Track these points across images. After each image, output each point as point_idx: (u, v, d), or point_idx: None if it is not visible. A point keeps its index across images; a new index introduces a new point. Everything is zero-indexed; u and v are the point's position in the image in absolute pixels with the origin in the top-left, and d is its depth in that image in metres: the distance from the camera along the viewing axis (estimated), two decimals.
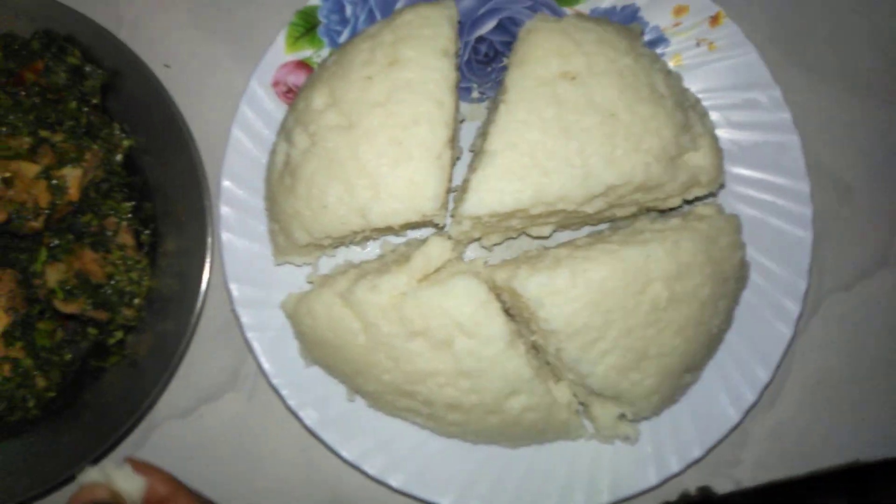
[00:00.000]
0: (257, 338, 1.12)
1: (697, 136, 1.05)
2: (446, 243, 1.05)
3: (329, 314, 1.04)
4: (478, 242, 1.18)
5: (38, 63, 1.11)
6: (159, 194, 1.16)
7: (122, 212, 1.13)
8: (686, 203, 1.11)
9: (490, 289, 1.04)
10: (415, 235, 1.19)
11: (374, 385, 1.06)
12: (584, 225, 1.18)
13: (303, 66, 1.18)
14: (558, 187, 1.00)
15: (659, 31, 1.20)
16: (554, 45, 1.02)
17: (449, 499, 1.10)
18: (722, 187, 1.13)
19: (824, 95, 1.30)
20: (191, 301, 1.10)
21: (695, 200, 1.12)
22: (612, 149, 1.00)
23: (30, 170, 1.04)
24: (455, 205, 1.12)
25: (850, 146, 1.29)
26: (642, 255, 1.00)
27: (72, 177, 1.06)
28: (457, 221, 1.07)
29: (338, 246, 1.17)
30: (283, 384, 1.12)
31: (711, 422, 1.12)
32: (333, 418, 1.12)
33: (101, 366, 1.14)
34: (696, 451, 1.11)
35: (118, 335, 1.13)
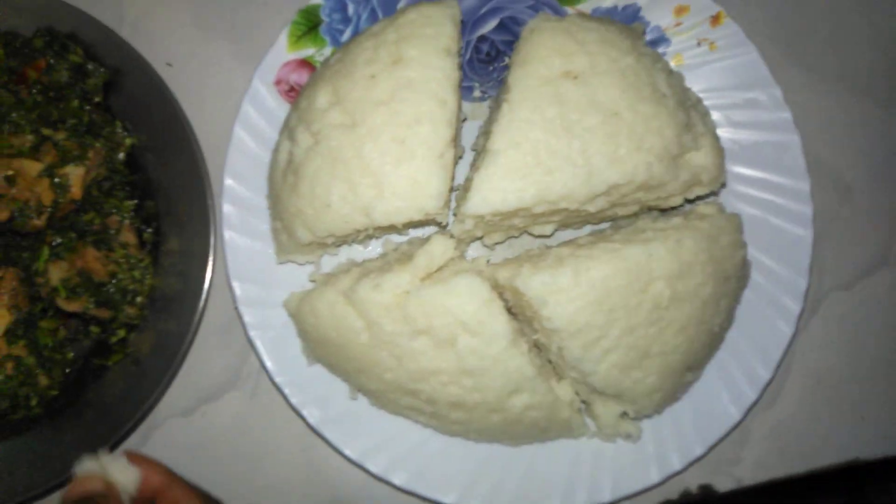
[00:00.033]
0: (260, 336, 1.12)
1: (699, 135, 1.06)
2: (449, 242, 1.05)
3: (332, 313, 1.04)
4: (480, 241, 1.18)
5: (41, 61, 1.11)
6: (161, 193, 1.16)
7: (124, 210, 1.13)
8: (687, 202, 1.12)
9: (492, 287, 1.04)
10: (417, 234, 1.19)
11: (376, 383, 1.06)
12: (586, 224, 1.19)
13: (305, 64, 1.18)
14: (561, 186, 1.00)
15: (660, 31, 1.20)
16: (557, 44, 1.03)
17: (452, 497, 1.10)
18: (723, 186, 1.13)
19: (824, 95, 1.31)
20: (193, 300, 1.10)
21: (696, 199, 1.12)
22: (615, 148, 1.00)
23: (32, 168, 1.04)
24: (457, 203, 1.13)
25: (849, 146, 1.30)
26: (644, 253, 1.00)
27: (74, 175, 1.06)
28: (459, 220, 1.07)
29: (340, 244, 1.17)
30: (286, 383, 1.12)
31: (713, 420, 1.12)
32: (336, 417, 1.12)
33: (103, 364, 1.14)
34: (697, 449, 1.12)
35: (120, 333, 1.13)
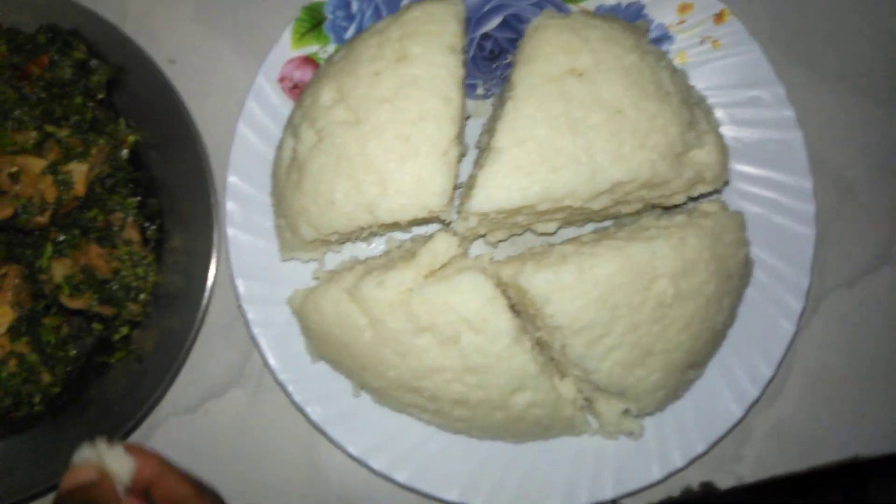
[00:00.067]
0: (263, 334, 1.12)
1: (703, 133, 1.06)
2: (452, 239, 1.05)
3: (336, 310, 1.04)
4: (482, 239, 1.18)
5: (44, 58, 1.10)
6: (165, 190, 1.16)
7: (127, 207, 1.13)
8: (690, 200, 1.12)
9: (496, 285, 1.04)
10: (420, 232, 1.19)
11: (380, 381, 1.06)
12: (589, 221, 1.19)
13: (309, 61, 1.18)
14: (565, 184, 1.00)
15: (664, 29, 1.21)
16: (561, 41, 1.03)
17: (454, 494, 1.10)
18: (726, 184, 1.13)
19: (825, 94, 1.31)
20: (196, 297, 1.10)
21: (699, 197, 1.12)
22: (619, 145, 1.00)
23: (36, 165, 1.04)
24: (461, 201, 1.13)
25: (851, 144, 1.30)
26: (648, 251, 1.00)
27: (78, 172, 1.06)
28: (463, 218, 1.07)
29: (344, 242, 1.17)
30: (289, 380, 1.12)
31: (714, 417, 1.13)
32: (339, 414, 1.12)
33: (106, 361, 1.13)
34: (699, 446, 1.12)
35: (123, 331, 1.13)
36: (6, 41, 1.12)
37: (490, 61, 1.23)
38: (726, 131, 1.16)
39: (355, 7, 1.19)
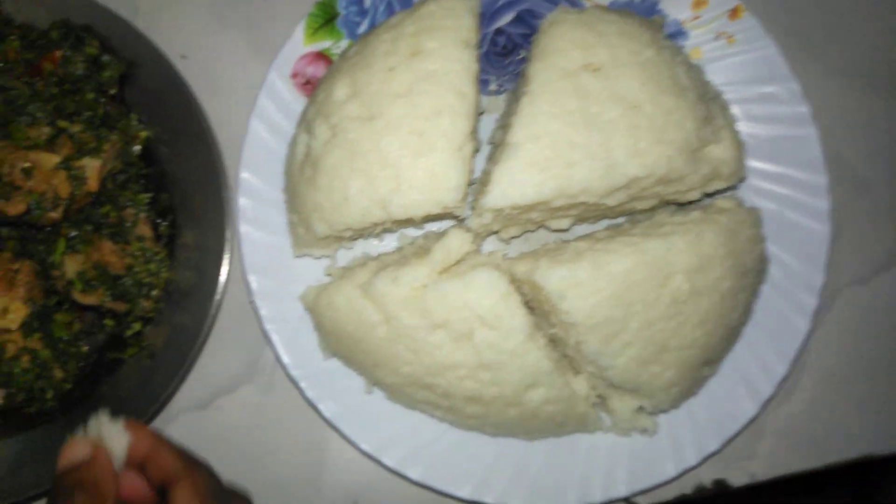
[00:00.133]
0: (276, 330, 1.12)
1: (719, 128, 1.05)
2: (466, 236, 1.05)
3: (349, 306, 1.04)
4: (495, 235, 1.18)
5: (57, 53, 1.10)
6: (177, 186, 1.16)
7: (139, 203, 1.13)
8: (705, 196, 1.11)
9: (510, 281, 1.04)
10: (432, 228, 1.19)
11: (393, 377, 1.06)
12: (603, 218, 1.18)
13: (321, 57, 1.18)
14: (580, 179, 1.00)
15: (678, 25, 1.20)
16: (577, 36, 1.02)
17: (467, 490, 1.10)
18: (743, 180, 1.13)
19: (841, 90, 1.30)
20: (209, 293, 1.10)
21: (714, 194, 1.12)
22: (636, 141, 0.99)
23: (49, 160, 1.03)
24: (475, 197, 1.12)
25: (866, 141, 1.29)
26: (664, 247, 1.00)
27: (91, 167, 1.06)
28: (477, 214, 1.06)
29: (356, 238, 1.16)
30: (302, 376, 1.11)
31: (728, 415, 1.12)
32: (352, 410, 1.12)
33: (118, 358, 1.13)
34: (713, 444, 1.11)
35: (136, 327, 1.12)
36: (19, 37, 1.11)
37: (503, 57, 1.22)
38: (741, 127, 1.15)
39: (368, 2, 1.18)
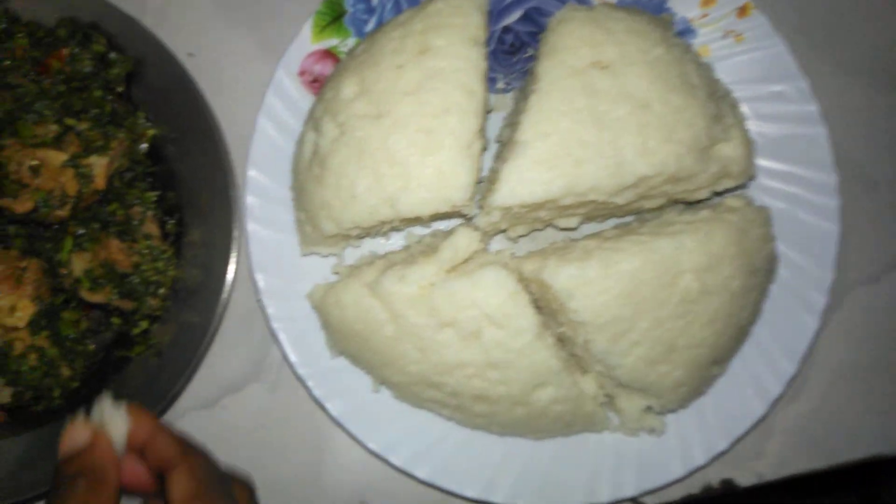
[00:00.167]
0: (283, 328, 1.11)
1: (729, 126, 1.05)
2: (474, 234, 1.04)
3: (357, 305, 1.04)
4: (503, 234, 1.18)
5: (64, 51, 1.10)
6: (183, 184, 1.15)
7: (146, 201, 1.13)
8: (714, 195, 1.11)
9: (518, 280, 1.03)
10: (440, 226, 1.19)
11: (400, 376, 1.06)
12: (611, 217, 1.18)
13: (329, 55, 1.18)
14: (590, 178, 0.99)
15: (686, 23, 1.19)
16: (585, 34, 1.02)
17: (475, 490, 1.09)
18: (752, 179, 1.12)
19: (850, 89, 1.30)
20: (216, 291, 1.10)
21: (723, 192, 1.11)
22: (645, 139, 0.99)
23: (57, 158, 1.03)
24: (483, 195, 1.12)
25: (875, 140, 1.29)
26: (673, 246, 0.99)
27: (98, 165, 1.05)
28: (486, 212, 1.06)
29: (364, 237, 1.16)
30: (309, 375, 1.11)
31: (737, 414, 1.11)
32: (359, 409, 1.11)
33: (125, 356, 1.13)
34: (721, 443, 1.11)
35: (143, 325, 1.12)
36: (26, 34, 1.11)
37: (510, 55, 1.22)
38: (750, 126, 1.14)
39: (376, 0, 1.18)
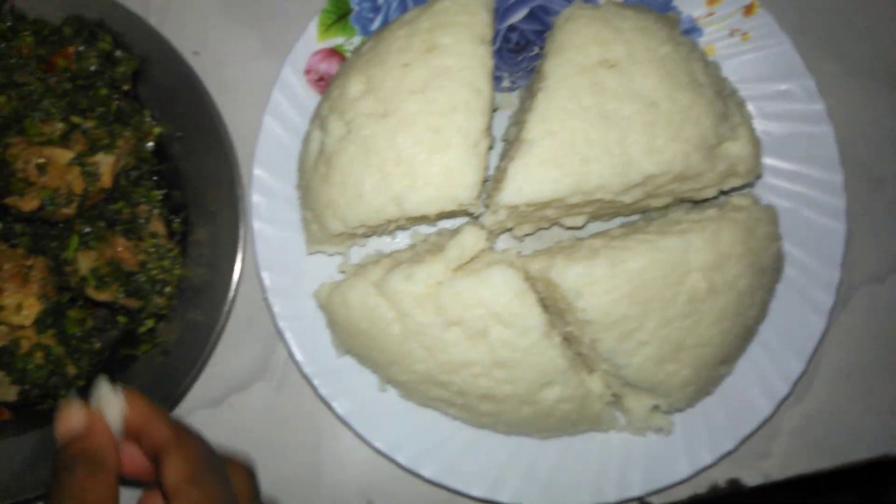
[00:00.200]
0: (289, 327, 1.11)
1: (736, 125, 1.05)
2: (480, 233, 1.04)
3: (363, 303, 1.03)
4: (509, 233, 1.17)
5: (70, 49, 1.09)
6: (189, 183, 1.15)
7: (152, 199, 1.12)
8: (721, 194, 1.11)
9: (524, 279, 1.03)
10: (445, 225, 1.18)
11: (407, 375, 1.05)
12: (617, 215, 1.17)
13: (334, 53, 1.17)
14: (597, 176, 0.99)
15: (692, 21, 1.19)
16: (593, 32, 1.01)
17: (481, 489, 1.09)
18: (759, 178, 1.12)
19: (855, 87, 1.30)
20: (222, 290, 1.09)
21: (729, 191, 1.11)
22: (653, 137, 0.99)
23: (63, 156, 1.03)
24: (489, 194, 1.11)
25: (881, 138, 1.29)
26: (681, 245, 0.99)
27: (105, 163, 1.05)
28: (492, 211, 1.06)
29: (370, 235, 1.16)
30: (315, 374, 1.11)
31: (744, 414, 1.11)
32: (365, 408, 1.11)
33: (131, 354, 1.12)
34: (728, 443, 1.10)
35: (149, 324, 1.12)
36: (32, 33, 1.11)
37: (516, 53, 1.22)
38: (755, 125, 1.14)
39: None
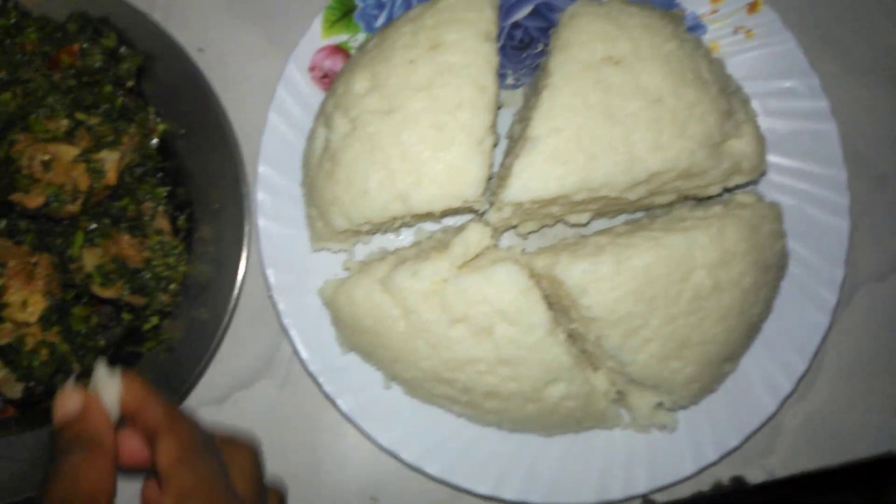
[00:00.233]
0: (294, 324, 1.11)
1: (740, 122, 1.05)
2: (485, 230, 1.04)
3: (369, 301, 1.03)
4: (513, 230, 1.17)
5: (74, 46, 1.09)
6: (194, 180, 1.15)
7: (157, 196, 1.12)
8: (725, 191, 1.11)
9: (529, 276, 1.03)
10: (450, 222, 1.18)
11: (412, 372, 1.05)
12: (622, 213, 1.18)
13: (339, 50, 1.17)
14: (602, 173, 0.99)
15: (696, 18, 1.19)
16: (598, 29, 1.01)
17: (485, 487, 1.09)
18: (764, 175, 1.12)
19: (859, 85, 1.30)
20: (227, 287, 1.09)
21: (733, 189, 1.11)
22: (658, 134, 0.99)
23: (68, 153, 1.03)
24: (494, 191, 1.11)
25: (884, 136, 1.29)
26: (686, 242, 0.99)
27: (109, 160, 1.05)
28: (497, 208, 1.06)
29: (375, 232, 1.16)
30: (320, 371, 1.11)
31: (748, 411, 1.11)
32: (369, 405, 1.11)
33: (135, 351, 1.13)
34: (732, 440, 1.10)
35: (154, 321, 1.12)
36: (37, 29, 1.11)
37: (520, 50, 1.22)
38: (760, 122, 1.14)
39: None
